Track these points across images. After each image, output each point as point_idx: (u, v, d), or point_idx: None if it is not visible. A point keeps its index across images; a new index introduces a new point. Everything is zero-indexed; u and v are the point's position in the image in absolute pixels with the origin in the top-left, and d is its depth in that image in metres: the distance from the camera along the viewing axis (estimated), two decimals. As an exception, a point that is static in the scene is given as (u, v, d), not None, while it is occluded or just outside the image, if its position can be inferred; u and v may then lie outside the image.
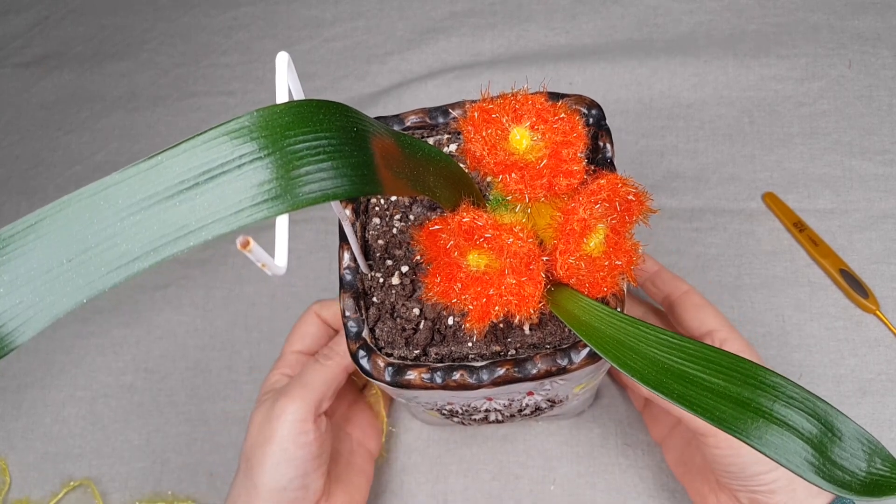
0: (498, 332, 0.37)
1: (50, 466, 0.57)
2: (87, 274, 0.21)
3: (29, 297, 0.21)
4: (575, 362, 0.35)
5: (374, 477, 0.51)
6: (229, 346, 0.60)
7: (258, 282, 0.62)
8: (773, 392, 0.29)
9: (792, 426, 0.28)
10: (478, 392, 0.36)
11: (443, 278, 0.33)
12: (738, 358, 0.29)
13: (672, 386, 0.29)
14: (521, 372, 0.35)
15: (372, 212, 0.42)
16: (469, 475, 0.53)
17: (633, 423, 0.53)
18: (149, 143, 0.70)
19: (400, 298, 0.39)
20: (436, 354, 0.37)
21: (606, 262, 0.33)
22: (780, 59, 0.64)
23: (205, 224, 0.22)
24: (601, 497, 0.51)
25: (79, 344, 0.61)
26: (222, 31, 0.75)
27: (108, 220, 0.21)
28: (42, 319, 0.21)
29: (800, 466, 0.27)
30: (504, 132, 0.32)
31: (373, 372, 0.36)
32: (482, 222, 0.31)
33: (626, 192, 0.33)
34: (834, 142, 0.60)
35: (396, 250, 0.40)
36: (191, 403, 0.58)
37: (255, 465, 0.42)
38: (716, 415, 0.28)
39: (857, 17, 0.65)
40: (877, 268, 0.56)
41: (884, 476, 0.28)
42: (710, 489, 0.44)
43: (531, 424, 0.53)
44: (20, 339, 0.21)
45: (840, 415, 0.29)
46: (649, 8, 0.68)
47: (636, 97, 0.64)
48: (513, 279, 0.32)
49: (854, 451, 0.28)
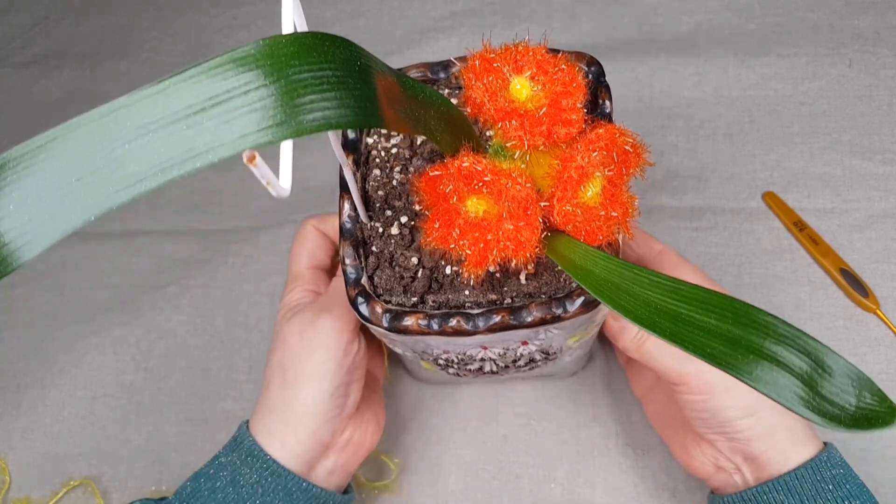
0: (494, 282, 0.38)
1: (50, 466, 0.57)
2: (95, 193, 0.22)
3: (38, 214, 0.22)
4: (569, 311, 0.35)
5: (374, 475, 0.52)
6: (229, 345, 0.60)
7: (258, 281, 0.61)
8: (765, 330, 0.29)
9: (782, 362, 0.29)
10: (473, 339, 0.37)
11: (441, 224, 0.33)
12: (731, 298, 0.30)
13: (664, 325, 0.29)
14: (516, 319, 0.36)
15: (372, 163, 0.42)
16: (469, 475, 0.53)
17: (633, 422, 0.53)
18: (149, 143, 0.70)
19: (399, 248, 0.39)
20: (433, 302, 0.38)
21: (603, 212, 0.34)
22: (780, 58, 0.64)
23: (211, 147, 0.22)
24: (601, 497, 0.51)
25: (79, 343, 0.61)
26: (222, 31, 0.75)
27: (117, 142, 0.22)
28: (51, 235, 0.22)
29: (790, 400, 0.28)
30: (505, 82, 0.33)
31: (371, 317, 0.37)
32: (481, 167, 0.32)
33: (624, 143, 0.33)
34: (834, 141, 0.60)
35: (396, 201, 0.41)
36: (191, 403, 0.58)
37: (299, 374, 0.42)
38: (707, 351, 0.28)
39: (857, 17, 0.65)
40: (877, 267, 0.56)
41: (872, 409, 0.29)
42: (691, 440, 0.44)
43: (531, 424, 0.53)
44: (28, 255, 0.22)
45: (830, 352, 0.30)
46: (649, 7, 0.68)
47: (636, 96, 0.64)
48: (510, 224, 0.32)
49: (844, 386, 0.29)
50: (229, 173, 0.67)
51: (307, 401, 0.42)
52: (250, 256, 0.63)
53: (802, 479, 0.39)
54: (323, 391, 0.42)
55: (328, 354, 0.42)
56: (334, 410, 0.42)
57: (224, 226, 0.65)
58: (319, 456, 0.43)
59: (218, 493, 0.41)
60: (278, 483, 0.41)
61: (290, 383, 0.42)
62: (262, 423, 0.43)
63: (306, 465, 0.42)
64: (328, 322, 0.42)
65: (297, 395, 0.42)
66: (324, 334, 0.42)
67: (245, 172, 0.73)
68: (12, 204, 0.21)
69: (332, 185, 0.65)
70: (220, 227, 0.65)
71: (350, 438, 0.45)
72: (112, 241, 0.65)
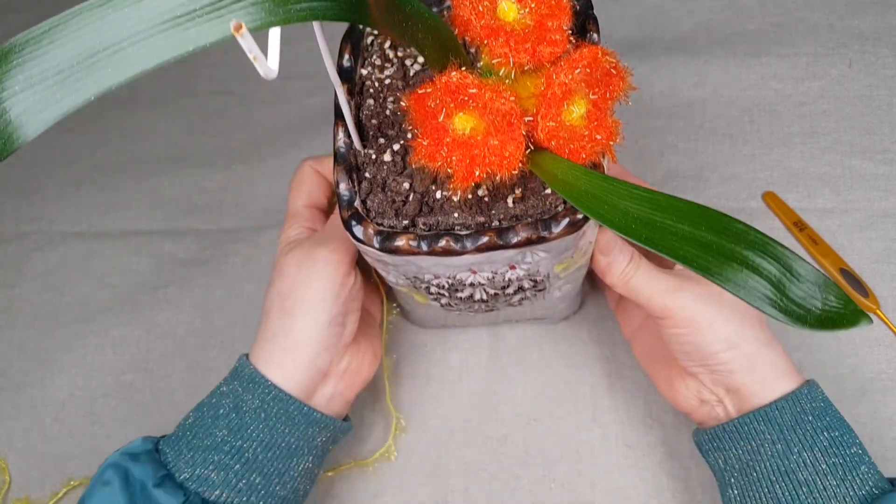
0: (483, 205, 0.39)
1: (50, 466, 0.57)
2: (94, 74, 0.24)
3: (42, 94, 0.24)
4: (554, 232, 0.37)
5: (373, 475, 0.52)
6: (229, 345, 0.60)
7: (258, 281, 0.62)
8: (737, 237, 0.31)
9: (753, 266, 0.31)
10: (462, 259, 0.38)
11: (430, 142, 0.35)
12: (705, 208, 0.31)
13: (640, 231, 0.31)
14: (503, 240, 0.37)
15: (366, 94, 0.43)
16: (469, 475, 0.53)
17: (633, 423, 0.53)
18: (148, 143, 0.70)
19: (391, 174, 0.40)
20: (424, 224, 0.39)
21: (587, 132, 0.35)
22: (780, 58, 0.64)
23: (202, 33, 0.24)
24: (601, 497, 0.51)
25: (79, 343, 0.61)
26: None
27: (115, 30, 0.24)
28: (54, 113, 0.24)
29: (759, 301, 0.30)
30: (493, 3, 0.35)
31: (364, 238, 0.38)
32: (467, 81, 0.33)
33: (607, 63, 0.35)
34: (834, 141, 0.60)
35: (389, 130, 0.42)
36: (191, 403, 0.58)
37: (298, 302, 0.43)
38: (680, 254, 0.30)
39: (857, 17, 0.65)
40: (877, 267, 0.56)
41: (837, 311, 0.31)
42: (676, 374, 0.45)
43: (531, 424, 0.53)
44: (33, 132, 0.24)
45: (799, 259, 0.31)
46: (649, 7, 0.68)
47: (636, 96, 0.64)
48: (496, 140, 0.34)
49: (811, 291, 0.31)
50: (230, 174, 0.67)
51: (306, 329, 0.43)
52: (250, 256, 0.63)
53: (782, 409, 0.40)
54: (320, 321, 0.43)
55: (325, 283, 0.43)
56: (332, 339, 0.44)
57: (224, 226, 0.65)
58: (318, 383, 0.45)
59: (221, 420, 0.42)
60: (280, 407, 0.42)
61: (289, 312, 0.43)
62: (262, 351, 0.44)
63: (306, 392, 0.44)
64: (325, 254, 0.43)
65: (295, 324, 0.43)
66: (321, 265, 0.43)
67: (246, 173, 0.73)
68: (18, 85, 0.23)
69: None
70: (221, 227, 0.65)
71: (348, 367, 0.46)
72: (112, 241, 0.65)
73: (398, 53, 0.45)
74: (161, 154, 0.70)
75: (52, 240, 0.66)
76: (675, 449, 0.51)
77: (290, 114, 0.69)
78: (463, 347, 0.57)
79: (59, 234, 0.66)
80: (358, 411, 0.55)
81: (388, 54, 0.45)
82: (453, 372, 0.56)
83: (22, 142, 0.23)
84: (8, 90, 0.23)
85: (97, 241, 0.65)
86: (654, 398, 0.53)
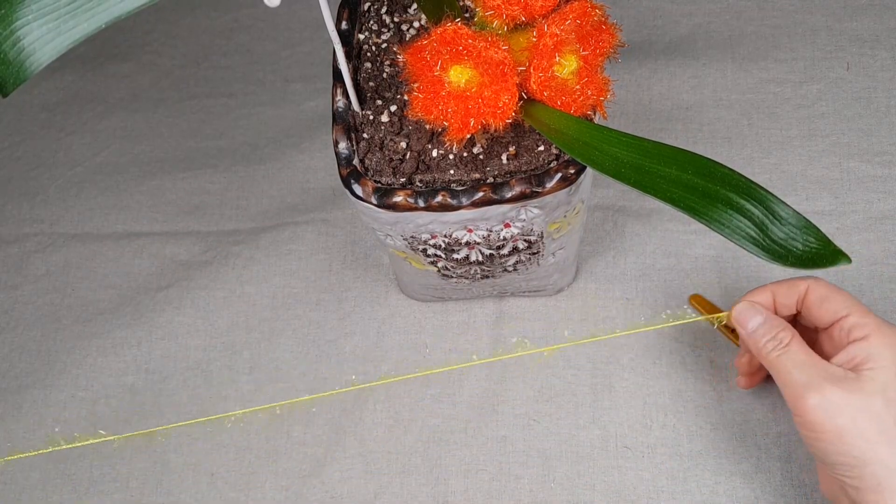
0: (478, 162, 0.41)
1: (50, 466, 0.57)
2: (107, 2, 0.25)
3: (54, 22, 0.24)
4: (547, 186, 0.38)
5: (374, 475, 0.52)
6: (230, 346, 0.60)
7: (259, 283, 0.62)
8: (722, 180, 0.33)
9: (737, 207, 0.32)
10: (458, 214, 0.40)
11: (427, 95, 0.36)
12: (692, 154, 0.34)
13: (628, 174, 0.33)
14: (497, 194, 0.39)
15: (364, 57, 0.45)
16: (469, 476, 0.53)
17: (633, 423, 0.53)
18: (150, 145, 0.70)
19: (389, 134, 0.42)
20: (420, 181, 0.41)
21: (578, 86, 0.37)
22: (778, 61, 0.64)
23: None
24: (601, 498, 0.51)
25: (80, 345, 0.61)
26: (223, 33, 0.75)
27: None
28: (65, 41, 0.24)
29: (743, 239, 0.32)
30: None
31: (362, 195, 0.40)
32: (462, 32, 0.34)
33: (596, 16, 0.37)
34: (832, 144, 0.61)
35: (386, 93, 0.43)
36: (192, 404, 0.58)
37: None
38: (668, 195, 0.32)
39: (856, 20, 0.65)
40: (875, 269, 0.56)
41: (817, 252, 0.33)
42: None
43: (531, 424, 0.54)
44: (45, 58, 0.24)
45: (782, 203, 0.33)
46: (648, 10, 0.69)
47: (635, 99, 0.64)
48: (489, 91, 0.35)
49: (793, 232, 0.33)
50: (231, 175, 0.67)
51: None
52: (251, 258, 0.63)
53: None
54: None
55: None
56: None
57: (225, 227, 0.65)
58: None
59: None
60: None
61: None
62: None
63: None
64: None
65: None
66: None
67: (247, 175, 0.73)
68: (31, 14, 0.24)
69: (331, 188, 0.66)
70: (222, 228, 0.65)
71: None
72: (113, 243, 0.66)
73: (394, 19, 0.46)
74: (162, 156, 0.70)
75: (53, 241, 0.66)
76: (674, 450, 0.52)
77: (291, 116, 0.70)
78: (463, 348, 0.57)
79: (60, 235, 0.67)
80: (359, 411, 0.55)
81: (385, 20, 0.46)
82: (453, 372, 0.56)
83: (35, 68, 0.24)
84: (21, 19, 0.24)
85: (98, 242, 0.66)
86: (654, 399, 0.53)
